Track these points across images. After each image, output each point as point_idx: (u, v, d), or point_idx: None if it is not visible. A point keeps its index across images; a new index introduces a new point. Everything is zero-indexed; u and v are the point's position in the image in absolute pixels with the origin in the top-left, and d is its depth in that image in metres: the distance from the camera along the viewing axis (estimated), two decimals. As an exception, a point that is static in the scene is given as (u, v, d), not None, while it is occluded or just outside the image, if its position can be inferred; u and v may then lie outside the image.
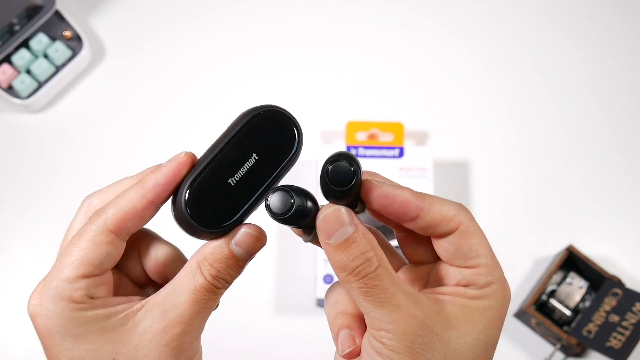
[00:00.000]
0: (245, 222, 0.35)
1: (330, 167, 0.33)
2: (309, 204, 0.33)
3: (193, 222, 0.34)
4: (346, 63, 0.87)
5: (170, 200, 0.35)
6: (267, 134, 0.35)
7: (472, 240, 0.35)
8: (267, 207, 0.33)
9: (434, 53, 0.88)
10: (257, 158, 0.35)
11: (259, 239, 0.35)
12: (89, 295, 0.34)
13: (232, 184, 0.34)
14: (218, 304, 0.38)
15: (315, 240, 0.35)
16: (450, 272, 0.35)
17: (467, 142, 0.84)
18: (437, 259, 0.37)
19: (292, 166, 0.36)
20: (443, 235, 0.35)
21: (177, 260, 0.38)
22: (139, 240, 0.38)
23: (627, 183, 0.82)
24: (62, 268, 0.34)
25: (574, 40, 0.88)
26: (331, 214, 0.33)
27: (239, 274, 0.36)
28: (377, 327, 0.32)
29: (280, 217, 0.33)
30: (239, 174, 0.35)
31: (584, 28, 0.89)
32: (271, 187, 0.35)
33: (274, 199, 0.33)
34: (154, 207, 0.35)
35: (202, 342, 0.37)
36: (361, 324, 0.35)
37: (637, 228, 0.81)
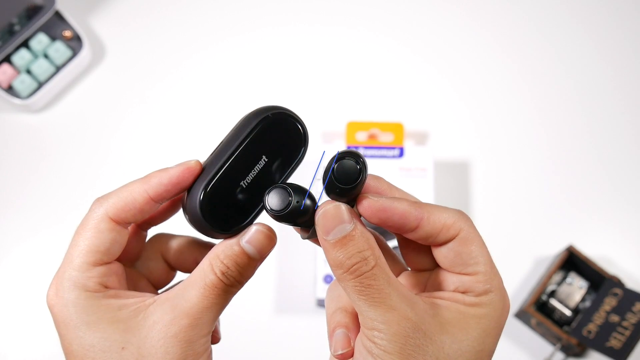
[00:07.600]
0: (255, 222, 0.36)
1: (336, 164, 0.33)
2: (307, 201, 0.34)
3: (207, 224, 0.35)
4: (346, 63, 0.87)
5: (184, 202, 0.36)
6: (275, 136, 0.36)
7: (472, 247, 0.34)
8: (265, 204, 0.34)
9: (434, 53, 0.88)
10: (266, 160, 0.36)
11: (270, 237, 0.36)
12: (103, 284, 0.35)
13: (244, 187, 0.35)
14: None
15: (313, 238, 0.36)
16: (449, 279, 0.35)
17: (467, 142, 0.84)
18: (436, 265, 0.37)
19: (298, 166, 0.37)
20: (443, 243, 0.35)
21: (194, 244, 0.40)
22: (159, 241, 0.40)
23: (627, 183, 0.82)
24: (71, 258, 0.35)
25: (574, 40, 0.88)
26: (330, 211, 0.33)
27: (251, 274, 0.36)
28: (369, 326, 0.32)
29: (278, 214, 0.34)
30: (250, 176, 0.35)
31: (585, 28, 0.89)
32: None
33: (272, 197, 0.34)
34: (154, 203, 0.36)
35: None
36: (359, 324, 0.35)
37: (637, 228, 0.81)
